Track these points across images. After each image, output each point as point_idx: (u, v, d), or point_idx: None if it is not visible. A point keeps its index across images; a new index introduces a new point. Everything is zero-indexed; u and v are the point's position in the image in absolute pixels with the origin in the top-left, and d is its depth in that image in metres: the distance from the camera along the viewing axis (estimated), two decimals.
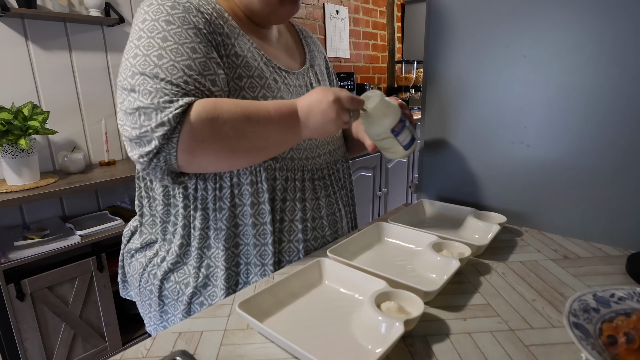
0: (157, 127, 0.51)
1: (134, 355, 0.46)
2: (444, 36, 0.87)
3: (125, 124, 0.54)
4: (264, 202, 0.66)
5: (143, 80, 0.53)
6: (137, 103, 0.52)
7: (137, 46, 0.56)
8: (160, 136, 0.51)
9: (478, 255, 0.69)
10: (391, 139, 0.69)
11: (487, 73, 0.82)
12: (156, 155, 0.53)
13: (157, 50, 0.55)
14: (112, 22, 1.73)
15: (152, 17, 0.57)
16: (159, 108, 0.51)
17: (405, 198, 3.00)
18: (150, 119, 0.52)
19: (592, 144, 0.71)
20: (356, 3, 3.25)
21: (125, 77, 0.55)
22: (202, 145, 0.54)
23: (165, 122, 0.51)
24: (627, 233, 0.70)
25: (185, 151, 0.53)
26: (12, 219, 1.58)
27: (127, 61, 0.56)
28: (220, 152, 0.56)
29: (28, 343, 1.37)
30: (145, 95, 0.52)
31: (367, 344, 0.45)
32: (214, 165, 0.59)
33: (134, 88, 0.53)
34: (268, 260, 0.68)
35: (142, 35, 0.56)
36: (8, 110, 1.39)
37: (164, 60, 0.54)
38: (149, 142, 0.52)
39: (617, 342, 0.41)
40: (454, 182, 0.92)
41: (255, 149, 0.58)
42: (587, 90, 0.70)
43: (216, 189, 0.65)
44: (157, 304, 0.71)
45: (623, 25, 0.65)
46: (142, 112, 0.52)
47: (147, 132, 0.52)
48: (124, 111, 0.54)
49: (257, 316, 0.48)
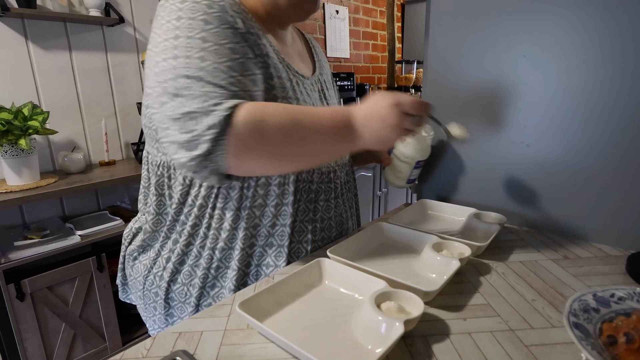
0: (206, 131, 0.50)
1: (134, 355, 0.46)
2: (444, 36, 0.87)
3: (170, 128, 0.53)
4: (287, 204, 0.66)
5: (188, 83, 0.52)
6: (184, 108, 0.51)
7: (175, 46, 0.54)
8: (209, 140, 0.50)
9: (478, 255, 0.69)
10: (408, 167, 0.83)
11: (487, 73, 0.82)
12: (205, 158, 0.52)
13: (198, 51, 0.54)
14: (112, 22, 1.73)
15: (189, 16, 0.55)
16: (207, 112, 0.51)
17: (405, 198, 3.00)
18: (198, 123, 0.51)
19: (592, 144, 0.71)
20: (356, 3, 3.25)
21: (165, 79, 0.54)
22: (249, 150, 0.53)
23: (213, 125, 0.50)
24: (627, 233, 0.70)
25: (233, 154, 0.52)
26: (12, 219, 1.58)
27: (165, 62, 0.54)
28: (267, 156, 0.54)
29: (28, 343, 1.37)
30: (191, 100, 0.51)
31: (367, 344, 0.45)
32: (262, 169, 0.58)
33: (179, 93, 0.52)
34: (281, 262, 0.68)
35: (180, 35, 0.55)
36: (8, 110, 1.39)
37: (206, 62, 0.53)
38: (198, 146, 0.51)
39: (617, 342, 0.41)
40: (454, 182, 0.92)
41: (303, 155, 0.57)
42: (587, 90, 0.70)
43: (243, 187, 0.64)
44: (163, 306, 0.69)
45: (623, 25, 0.65)
46: (190, 116, 0.51)
47: (196, 136, 0.51)
48: (169, 117, 0.53)
49: (257, 316, 0.48)
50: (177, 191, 0.67)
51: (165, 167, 0.68)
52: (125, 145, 1.95)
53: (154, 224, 0.71)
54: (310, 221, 0.71)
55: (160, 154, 0.67)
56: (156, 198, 0.71)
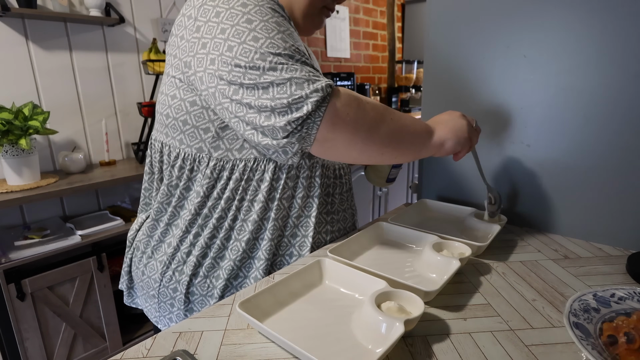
0: (312, 93, 0.54)
1: (135, 355, 0.46)
2: (444, 36, 0.87)
3: (268, 96, 0.54)
4: (313, 197, 0.70)
5: (281, 59, 0.55)
6: (286, 75, 0.54)
7: (251, 29, 0.56)
8: (314, 102, 0.54)
9: (478, 255, 0.69)
10: (387, 167, 0.84)
11: (487, 73, 0.82)
12: (303, 123, 0.55)
13: (277, 33, 0.57)
14: (112, 22, 1.73)
15: (254, 3, 0.58)
16: (310, 80, 0.54)
17: (405, 198, 3.00)
18: (302, 88, 0.54)
19: (593, 144, 0.71)
20: (356, 3, 3.25)
21: (253, 58, 0.55)
22: (346, 119, 0.56)
23: (319, 89, 0.54)
24: (627, 233, 0.70)
25: (328, 122, 0.55)
26: (12, 218, 1.58)
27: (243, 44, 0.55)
28: (358, 131, 0.58)
29: (28, 343, 1.37)
30: (292, 70, 0.54)
31: (367, 344, 0.45)
32: (346, 148, 0.60)
33: (274, 66, 0.54)
34: (305, 252, 0.70)
35: (253, 19, 0.56)
36: (8, 110, 1.39)
37: (288, 43, 0.57)
38: (300, 109, 0.54)
39: (617, 342, 0.41)
40: (453, 182, 0.92)
41: (390, 138, 0.61)
42: (587, 90, 0.70)
43: (273, 179, 0.66)
44: (183, 301, 0.68)
45: (623, 25, 0.65)
46: (293, 82, 0.54)
47: (300, 98, 0.54)
48: (269, 84, 0.54)
49: (257, 316, 0.48)
50: (203, 184, 0.66)
51: (189, 160, 0.66)
52: (126, 145, 1.95)
53: (169, 219, 0.70)
54: (328, 213, 0.74)
55: (184, 145, 0.66)
56: (169, 191, 0.69)
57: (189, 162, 0.66)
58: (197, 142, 0.65)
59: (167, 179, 0.69)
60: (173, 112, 0.65)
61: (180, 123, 0.65)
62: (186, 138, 0.65)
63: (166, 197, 0.70)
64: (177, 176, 0.68)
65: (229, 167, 0.65)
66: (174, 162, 0.68)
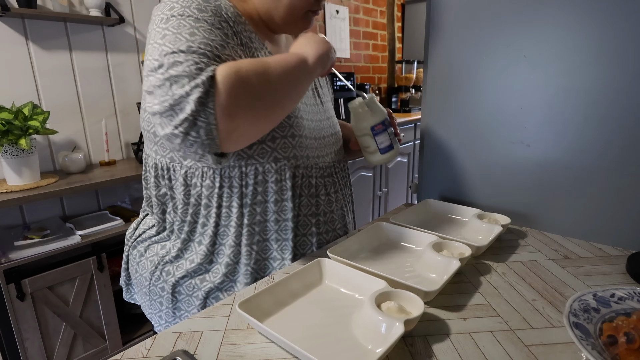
0: (192, 90, 0.49)
1: (134, 355, 0.46)
2: (444, 36, 0.87)
3: (153, 102, 0.52)
4: (287, 199, 0.68)
5: (172, 55, 0.52)
6: (166, 74, 0.51)
7: (165, 28, 0.55)
8: (195, 99, 0.49)
9: (478, 255, 0.69)
10: (369, 138, 0.77)
11: (487, 73, 0.82)
12: (193, 125, 0.50)
13: (189, 29, 0.54)
14: (112, 22, 1.73)
15: (182, 5, 0.57)
16: (190, 75, 0.50)
17: (405, 198, 3.00)
18: (182, 86, 0.49)
19: (592, 144, 0.71)
20: (356, 3, 3.25)
21: (151, 59, 0.53)
22: (237, 102, 0.51)
23: (199, 84, 0.49)
24: (627, 233, 0.70)
25: (223, 115, 0.50)
26: (12, 218, 1.58)
27: (154, 44, 0.54)
28: (254, 106, 0.54)
29: (28, 343, 1.37)
30: (174, 67, 0.51)
31: (367, 344, 0.45)
32: (253, 125, 0.56)
33: (162, 63, 0.52)
34: (287, 255, 0.70)
35: (171, 18, 0.55)
36: (8, 110, 1.39)
37: (196, 37, 0.53)
38: (182, 110, 0.49)
39: (617, 342, 0.41)
40: (453, 182, 0.92)
41: (280, 88, 0.57)
42: (587, 90, 0.70)
43: (242, 186, 0.66)
44: (170, 300, 0.71)
45: (623, 25, 0.65)
46: (172, 80, 0.50)
47: (180, 97, 0.49)
48: (152, 87, 0.52)
49: (257, 316, 0.48)
50: (181, 192, 0.68)
51: (165, 169, 0.69)
52: (126, 145, 1.95)
53: (158, 224, 0.73)
54: (314, 215, 0.73)
55: (159, 156, 0.69)
56: (158, 200, 0.72)
57: (165, 172, 0.69)
58: (167, 152, 0.67)
59: (154, 189, 0.72)
60: (146, 124, 0.68)
61: (152, 135, 0.68)
62: (159, 149, 0.68)
63: (158, 205, 0.73)
64: (161, 185, 0.71)
65: (199, 174, 0.66)
66: (155, 172, 0.71)
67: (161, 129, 0.52)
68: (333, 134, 0.80)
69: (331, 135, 0.79)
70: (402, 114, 3.29)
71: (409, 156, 2.94)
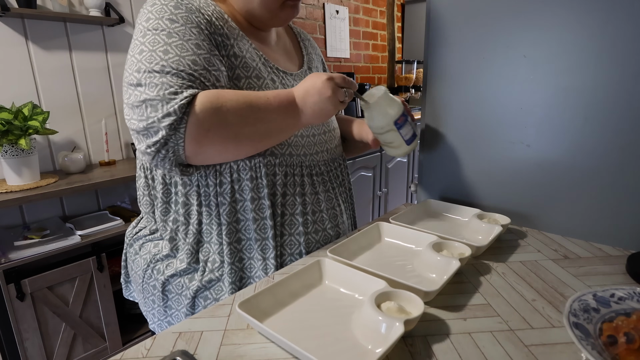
0: (164, 118, 0.53)
1: (134, 355, 0.46)
2: (444, 36, 0.87)
3: (132, 117, 0.55)
4: (263, 197, 0.68)
5: (149, 75, 0.54)
6: (143, 96, 0.54)
7: (142, 43, 0.57)
8: (166, 126, 0.53)
9: (478, 255, 0.69)
10: (394, 132, 0.72)
11: (487, 73, 0.82)
12: (164, 146, 0.54)
13: (163, 46, 0.56)
14: (112, 22, 1.73)
15: (156, 16, 0.59)
16: (164, 99, 0.53)
17: (405, 198, 3.00)
18: (156, 110, 0.53)
19: (592, 144, 0.71)
20: (356, 3, 3.25)
21: (131, 72, 0.56)
22: (208, 135, 0.55)
23: (171, 112, 0.52)
24: (627, 233, 0.70)
25: (192, 141, 0.55)
26: (12, 219, 1.58)
27: (133, 57, 0.57)
28: (226, 140, 0.57)
29: (28, 343, 1.37)
30: (151, 89, 0.54)
31: (367, 344, 0.45)
32: (220, 154, 0.60)
33: (140, 82, 0.55)
34: (269, 254, 0.69)
35: (147, 33, 0.58)
36: (8, 110, 1.39)
37: (169, 55, 0.56)
38: (156, 133, 0.54)
39: (617, 342, 0.41)
40: (453, 182, 0.92)
41: (258, 135, 0.60)
42: (587, 90, 0.70)
43: (217, 184, 0.66)
44: (161, 298, 0.71)
45: (623, 25, 0.65)
46: (148, 104, 0.53)
47: (153, 122, 0.53)
48: (131, 105, 0.55)
49: (257, 316, 0.48)
50: (160, 191, 0.70)
51: (147, 169, 0.71)
52: (126, 145, 1.95)
53: (148, 222, 0.76)
54: (301, 214, 0.72)
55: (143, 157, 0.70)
56: (146, 199, 0.74)
57: (148, 171, 0.71)
58: None
59: (142, 186, 0.74)
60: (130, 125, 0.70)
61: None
62: None
63: (146, 202, 0.75)
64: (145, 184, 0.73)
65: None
66: (144, 173, 0.73)
67: (137, 143, 0.57)
68: (326, 132, 0.78)
69: (324, 133, 0.77)
70: None
71: (409, 156, 2.94)
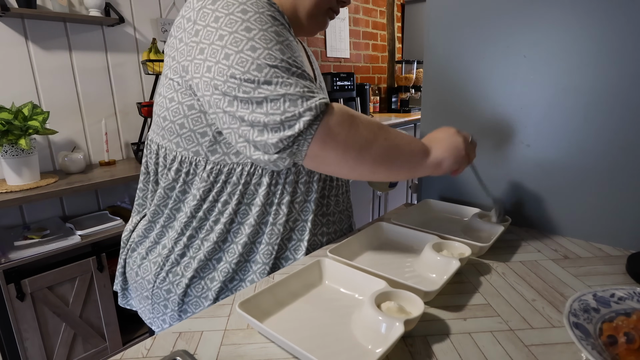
0: (305, 112, 0.53)
1: (134, 355, 0.46)
2: (444, 36, 0.87)
3: (256, 111, 0.54)
4: (310, 201, 0.70)
5: (276, 72, 0.54)
6: (280, 91, 0.53)
7: (250, 38, 0.55)
8: (306, 121, 0.53)
9: (479, 255, 0.69)
10: None
11: (487, 73, 0.82)
12: (295, 140, 0.54)
13: (275, 44, 0.56)
14: (112, 22, 1.73)
15: (255, 9, 0.57)
16: (304, 96, 0.53)
17: (405, 198, 3.00)
18: (296, 105, 0.53)
19: (592, 144, 0.71)
20: (356, 3, 3.25)
21: (248, 69, 0.54)
22: (337, 138, 0.56)
23: (312, 107, 0.53)
24: (627, 233, 0.70)
25: (319, 140, 0.55)
26: (12, 219, 1.58)
27: (242, 52, 0.54)
28: (349, 150, 0.57)
29: (28, 343, 1.37)
30: (287, 86, 0.54)
31: (367, 344, 0.45)
32: (336, 165, 0.59)
33: (269, 80, 0.53)
34: (300, 255, 0.70)
35: (252, 27, 0.55)
36: (8, 110, 1.39)
37: (286, 54, 0.56)
38: (292, 127, 0.53)
39: (617, 342, 0.41)
40: (453, 182, 0.92)
41: (383, 158, 0.60)
42: (587, 90, 0.70)
43: (271, 185, 0.66)
44: (177, 303, 0.68)
45: (622, 25, 0.65)
46: (287, 98, 0.53)
47: (292, 116, 0.53)
48: (256, 100, 0.53)
49: (257, 316, 0.48)
50: (200, 188, 0.66)
51: (185, 163, 0.66)
52: (126, 145, 1.95)
53: (165, 221, 0.70)
54: (324, 215, 0.73)
55: (180, 148, 0.66)
56: (166, 194, 0.69)
57: (185, 166, 0.66)
58: (194, 145, 0.64)
59: (163, 181, 0.69)
60: (170, 115, 0.64)
61: (177, 126, 0.64)
62: (183, 141, 0.65)
63: (163, 199, 0.69)
64: (174, 179, 0.67)
65: (226, 171, 0.64)
66: (170, 165, 0.67)
67: (258, 135, 0.55)
68: None
69: None
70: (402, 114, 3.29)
71: None
